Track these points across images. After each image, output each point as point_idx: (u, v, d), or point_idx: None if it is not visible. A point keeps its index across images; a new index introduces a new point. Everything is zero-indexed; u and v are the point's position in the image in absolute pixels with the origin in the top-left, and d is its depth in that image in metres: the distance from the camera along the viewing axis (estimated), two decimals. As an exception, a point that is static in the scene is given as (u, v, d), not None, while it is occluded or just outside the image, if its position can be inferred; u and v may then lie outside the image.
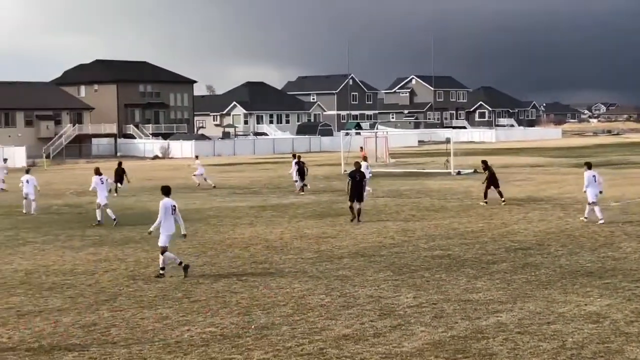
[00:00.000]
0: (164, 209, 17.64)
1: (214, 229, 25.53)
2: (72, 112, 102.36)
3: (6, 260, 20.24)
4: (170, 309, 14.55)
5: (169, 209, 17.65)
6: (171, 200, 17.89)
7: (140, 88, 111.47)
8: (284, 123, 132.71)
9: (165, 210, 17.63)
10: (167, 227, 17.65)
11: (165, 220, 17.63)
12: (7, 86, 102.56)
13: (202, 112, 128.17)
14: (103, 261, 19.85)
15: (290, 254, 20.34)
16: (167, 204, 17.72)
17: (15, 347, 12.27)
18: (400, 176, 48.03)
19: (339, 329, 12.91)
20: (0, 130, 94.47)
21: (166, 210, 17.64)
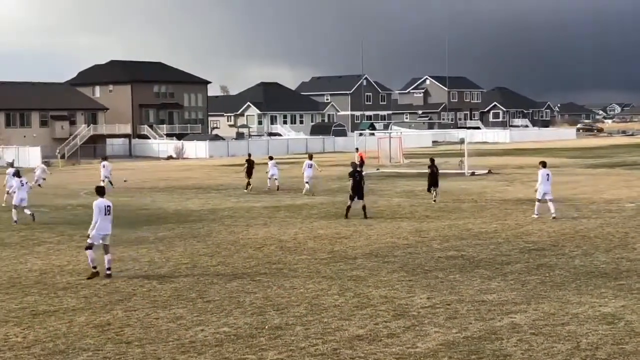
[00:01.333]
0: (98, 209, 17.86)
1: (228, 229, 25.56)
2: (87, 113, 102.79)
3: (21, 260, 20.34)
4: (184, 308, 14.58)
5: (102, 210, 17.85)
6: (105, 201, 18.10)
7: (154, 88, 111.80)
8: (298, 123, 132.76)
9: (99, 210, 17.85)
10: (101, 227, 17.81)
11: (100, 220, 17.81)
12: (22, 86, 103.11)
13: (216, 112, 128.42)
14: (117, 261, 19.90)
15: (304, 254, 20.35)
16: (100, 205, 17.94)
17: (30, 347, 12.32)
18: (414, 177, 47.94)
19: (353, 329, 12.90)
20: (16, 131, 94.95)
21: (100, 210, 17.85)
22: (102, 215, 17.82)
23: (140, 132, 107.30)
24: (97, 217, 17.78)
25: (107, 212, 17.89)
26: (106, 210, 17.87)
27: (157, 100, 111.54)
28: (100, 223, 17.81)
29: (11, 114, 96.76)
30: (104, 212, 17.83)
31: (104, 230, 17.84)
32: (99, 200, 18.00)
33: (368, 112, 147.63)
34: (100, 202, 17.96)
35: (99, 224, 17.80)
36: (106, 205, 17.93)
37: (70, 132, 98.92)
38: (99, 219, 17.78)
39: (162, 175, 58.02)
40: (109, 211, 17.92)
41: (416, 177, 47.04)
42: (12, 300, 15.63)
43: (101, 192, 18.29)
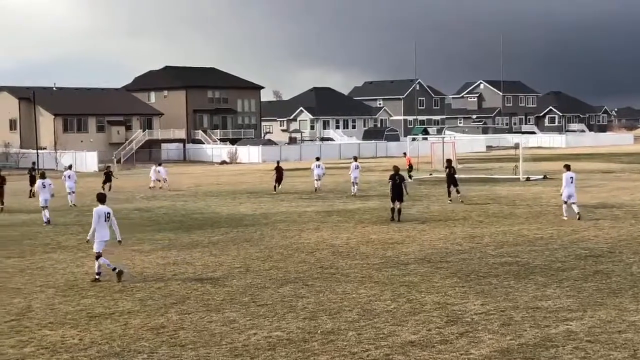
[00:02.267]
0: (97, 216, 18.11)
1: (280, 233, 25.65)
2: (142, 118, 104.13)
3: (78, 263, 20.65)
4: (237, 312, 14.66)
5: (102, 216, 18.11)
6: (105, 208, 18.34)
7: (208, 94, 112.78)
8: (350, 128, 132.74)
9: (98, 217, 18.10)
10: (101, 234, 18.10)
11: (99, 227, 18.09)
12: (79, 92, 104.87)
13: (269, 117, 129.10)
14: (171, 265, 20.11)
15: (357, 259, 20.32)
16: (100, 212, 18.19)
17: (86, 349, 12.50)
18: (467, 182, 47.57)
19: (406, 335, 12.84)
20: (73, 136, 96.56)
21: (99, 217, 18.10)
22: (101, 221, 18.14)
23: (195, 137, 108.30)
24: (96, 223, 18.09)
25: (107, 218, 18.19)
26: (105, 217, 18.17)
27: (211, 106, 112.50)
28: (100, 230, 18.14)
29: (69, 120, 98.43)
30: (103, 218, 18.15)
31: (105, 237, 18.19)
32: (99, 208, 18.32)
33: (421, 116, 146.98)
34: (100, 209, 18.28)
35: (99, 231, 18.12)
36: (106, 212, 18.25)
37: (126, 137, 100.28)
38: (98, 226, 18.08)
39: (216, 179, 58.47)
40: (108, 218, 18.22)
41: (470, 182, 46.69)
42: (69, 302, 15.88)
43: (102, 200, 18.59)
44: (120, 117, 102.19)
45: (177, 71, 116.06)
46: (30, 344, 12.84)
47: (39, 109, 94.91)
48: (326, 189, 43.46)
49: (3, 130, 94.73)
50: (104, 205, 18.36)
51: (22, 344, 12.85)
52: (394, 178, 28.66)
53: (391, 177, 28.91)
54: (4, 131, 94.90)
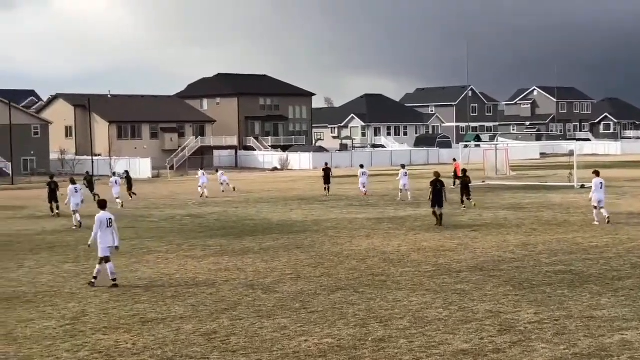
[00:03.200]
0: (99, 222, 18.32)
1: (331, 240, 25.65)
2: (195, 125, 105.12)
3: (131, 269, 20.89)
4: (288, 319, 14.68)
5: (104, 222, 18.33)
6: (107, 214, 18.51)
7: (260, 101, 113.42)
8: (402, 135, 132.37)
9: (100, 223, 18.32)
10: (105, 240, 18.31)
11: (103, 233, 18.30)
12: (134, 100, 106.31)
13: (320, 124, 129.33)
14: (223, 271, 20.23)
15: (408, 266, 20.23)
16: (102, 218, 18.38)
17: (139, 353, 12.63)
18: (521, 189, 47.11)
19: (457, 343, 12.73)
20: (127, 142, 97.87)
21: (101, 223, 18.32)
22: (103, 227, 18.37)
23: (246, 143, 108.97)
24: (97, 229, 18.33)
25: (109, 224, 18.43)
26: (108, 223, 18.42)
27: (263, 113, 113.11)
28: (104, 236, 18.37)
29: (123, 127, 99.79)
30: (105, 224, 18.38)
31: (108, 243, 18.40)
32: (100, 214, 18.53)
33: (473, 123, 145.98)
34: (102, 216, 18.49)
35: (102, 237, 18.34)
36: (107, 218, 18.48)
37: (179, 144, 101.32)
38: (101, 232, 18.33)
39: (267, 186, 58.74)
40: (110, 224, 18.45)
41: (524, 190, 46.23)
42: (122, 307, 16.06)
43: (103, 206, 18.82)
44: (174, 124, 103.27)
45: (230, 78, 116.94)
46: (84, 348, 13.02)
47: (94, 116, 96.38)
48: (377, 196, 43.38)
49: (59, 137, 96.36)
50: (105, 212, 18.64)
51: (77, 348, 13.03)
52: (435, 184, 29.10)
53: (432, 183, 29.36)
54: (60, 138, 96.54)
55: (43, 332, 14.09)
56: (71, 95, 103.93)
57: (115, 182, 42.04)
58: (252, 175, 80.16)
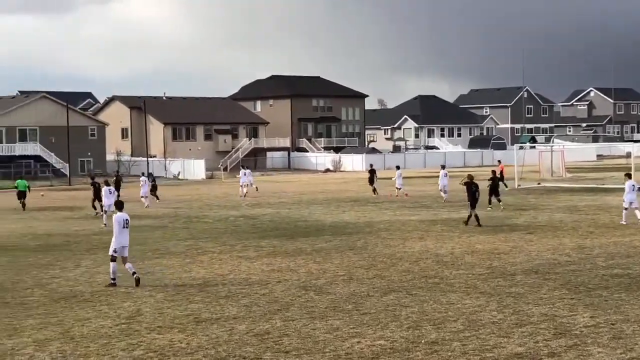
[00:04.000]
0: (118, 223, 18.66)
1: (384, 242, 25.58)
2: (249, 126, 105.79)
3: (186, 269, 21.08)
4: (340, 320, 14.67)
5: (121, 223, 18.68)
6: (124, 215, 18.86)
7: (313, 102, 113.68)
8: (456, 136, 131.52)
9: (119, 224, 18.66)
10: (120, 240, 18.63)
11: (119, 233, 18.63)
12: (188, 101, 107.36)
13: (373, 125, 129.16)
14: (276, 271, 20.30)
15: (461, 269, 20.07)
16: (119, 219, 18.73)
17: (193, 353, 12.73)
18: (577, 191, 46.46)
19: (512, 347, 12.60)
20: (182, 144, 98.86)
21: (119, 224, 18.66)
22: (120, 228, 18.66)
23: (299, 145, 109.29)
24: (117, 230, 18.66)
25: (126, 225, 18.78)
26: (125, 224, 18.75)
27: (316, 114, 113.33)
28: (119, 236, 18.65)
29: (177, 128, 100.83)
30: (122, 225, 18.69)
31: (123, 243, 18.70)
32: (118, 215, 18.86)
33: (528, 124, 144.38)
34: (120, 217, 18.80)
35: (118, 237, 18.65)
36: (125, 219, 18.80)
37: (233, 145, 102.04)
38: (119, 232, 18.64)
39: (320, 187, 58.81)
40: (127, 224, 18.81)
41: (580, 192, 45.59)
42: (177, 307, 16.21)
43: (120, 207, 19.18)
44: (227, 126, 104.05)
45: (283, 80, 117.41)
46: (139, 347, 13.17)
47: (150, 117, 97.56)
48: (431, 198, 43.15)
49: (115, 139, 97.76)
50: (123, 213, 18.97)
51: (132, 347, 13.19)
52: (470, 186, 29.34)
53: (466, 184, 29.63)
54: (116, 139, 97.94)
55: (99, 331, 14.29)
56: (127, 97, 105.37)
57: (145, 182, 43.56)
58: (305, 177, 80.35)
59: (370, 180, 47.33)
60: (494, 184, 36.36)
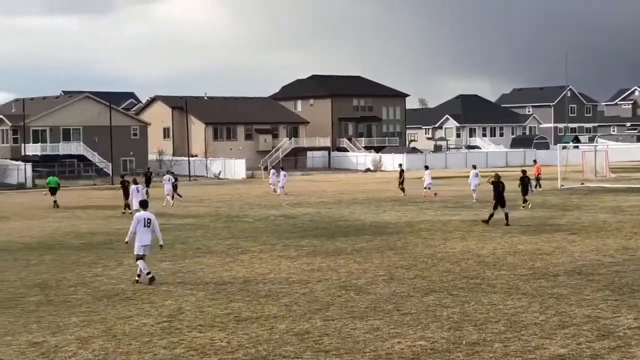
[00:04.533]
0: (136, 222, 18.98)
1: (425, 242, 25.47)
2: (289, 126, 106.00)
3: (226, 268, 21.18)
4: (381, 320, 14.63)
5: (141, 222, 18.92)
6: (146, 214, 19.10)
7: (354, 102, 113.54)
8: (498, 136, 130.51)
9: (137, 222, 18.94)
10: (140, 238, 18.92)
11: (139, 232, 18.92)
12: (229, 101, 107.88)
13: (414, 125, 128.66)
14: (316, 271, 20.31)
15: (503, 269, 19.91)
16: (140, 217, 19.03)
17: (234, 351, 12.78)
18: (621, 192, 45.85)
19: (554, 348, 12.46)
20: (223, 144, 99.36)
21: (138, 222, 18.93)
22: (141, 227, 18.98)
23: (339, 144, 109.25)
24: (134, 228, 18.98)
25: (147, 224, 18.97)
26: (145, 223, 18.97)
27: (356, 114, 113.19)
28: (140, 235, 18.97)
29: (218, 128, 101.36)
30: (142, 224, 18.93)
31: (144, 242, 18.97)
32: (139, 213, 19.25)
33: (572, 124, 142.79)
34: (140, 215, 19.12)
35: (139, 235, 18.93)
36: (146, 218, 19.02)
37: (273, 145, 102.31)
38: (138, 231, 18.94)
39: (360, 187, 58.73)
40: (148, 224, 18.98)
41: (624, 192, 44.99)
42: (217, 305, 16.30)
43: (143, 206, 19.51)
44: (268, 126, 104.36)
45: (323, 80, 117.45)
46: (180, 345, 13.26)
47: (191, 117, 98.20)
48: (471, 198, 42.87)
49: (157, 138, 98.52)
50: (145, 212, 19.22)
51: (173, 345, 13.28)
52: (497, 185, 29.61)
53: (493, 183, 29.90)
54: (158, 139, 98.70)
55: (141, 329, 14.41)
56: (169, 97, 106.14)
57: (168, 180, 44.47)
58: (345, 176, 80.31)
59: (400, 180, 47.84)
60: (524, 183, 36.54)
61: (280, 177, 52.12)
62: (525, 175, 37.04)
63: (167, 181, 44.64)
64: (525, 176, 36.98)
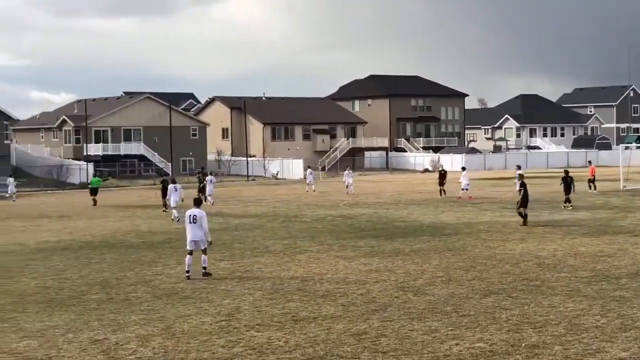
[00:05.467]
0: (186, 218, 19.79)
1: (483, 243, 25.23)
2: (347, 126, 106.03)
3: (284, 267, 21.26)
4: (439, 322, 14.54)
5: (188, 218, 19.64)
6: (193, 210, 19.63)
7: (412, 102, 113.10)
8: (559, 136, 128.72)
9: (187, 218, 19.73)
10: (189, 234, 19.63)
11: (187, 228, 19.69)
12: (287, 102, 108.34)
13: (473, 125, 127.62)
14: (374, 272, 20.27)
15: (564, 271, 19.63)
16: (187, 214, 19.83)
17: (291, 351, 12.82)
18: (685, 193, 44.83)
19: (615, 351, 12.24)
20: (280, 144, 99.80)
21: (187, 219, 19.69)
22: (187, 223, 19.63)
23: (397, 145, 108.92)
24: (186, 225, 19.77)
25: (193, 220, 19.50)
26: (191, 219, 19.53)
27: (414, 114, 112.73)
28: (188, 230, 19.65)
29: (276, 128, 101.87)
30: (189, 220, 19.57)
31: (192, 237, 19.58)
32: (189, 210, 19.90)
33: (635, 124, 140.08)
34: (188, 212, 19.85)
35: (187, 230, 19.67)
36: (191, 215, 19.57)
37: (331, 145, 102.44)
38: (187, 227, 19.70)
39: (418, 187, 58.45)
40: (194, 220, 19.49)
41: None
42: (275, 305, 16.37)
43: (195, 203, 20.05)
44: (325, 126, 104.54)
45: (381, 80, 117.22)
46: (238, 344, 13.34)
47: (249, 118, 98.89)
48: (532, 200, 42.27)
49: (216, 139, 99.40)
50: (194, 208, 19.73)
51: (231, 344, 13.38)
52: (524, 186, 30.13)
53: (522, 184, 30.32)
54: (217, 139, 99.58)
55: (199, 328, 14.54)
56: (227, 97, 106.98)
57: (210, 181, 45.82)
58: (403, 177, 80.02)
59: (441, 181, 47.64)
60: (566, 182, 36.88)
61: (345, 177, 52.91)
62: (568, 175, 37.23)
63: (210, 182, 45.96)
64: (568, 176, 37.15)
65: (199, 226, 19.53)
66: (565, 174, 37.73)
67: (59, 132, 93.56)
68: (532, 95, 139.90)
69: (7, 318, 15.72)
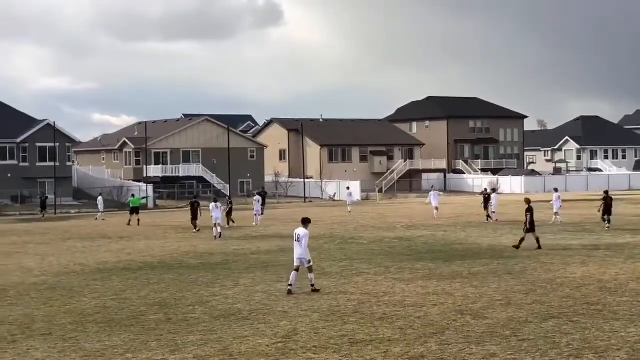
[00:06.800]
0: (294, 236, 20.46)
1: (543, 267, 24.86)
2: (404, 148, 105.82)
3: (341, 290, 21.20)
4: (498, 346, 14.34)
5: (294, 236, 20.43)
6: (299, 230, 20.34)
7: (470, 124, 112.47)
8: (620, 158, 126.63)
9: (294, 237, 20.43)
10: (296, 252, 20.43)
11: (294, 246, 20.45)
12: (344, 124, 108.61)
13: (532, 147, 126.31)
14: (432, 294, 20.09)
15: (626, 296, 19.22)
16: (295, 232, 20.49)
17: (348, 374, 12.74)
18: None
19: (682, 380, 11.91)
20: (338, 166, 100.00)
21: (294, 237, 20.42)
22: (294, 241, 20.49)
23: (455, 166, 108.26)
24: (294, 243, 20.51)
25: (297, 239, 20.30)
26: (296, 237, 20.37)
27: (473, 136, 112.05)
28: (295, 249, 20.49)
29: (334, 150, 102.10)
30: (295, 238, 20.41)
31: (296, 254, 20.43)
32: (296, 229, 20.57)
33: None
34: (295, 230, 20.56)
35: (295, 248, 20.46)
36: (296, 234, 20.37)
37: (388, 167, 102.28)
38: (294, 244, 20.45)
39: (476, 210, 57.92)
40: (298, 239, 20.29)
41: None
42: (331, 327, 16.31)
43: (303, 222, 20.61)
44: (383, 148, 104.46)
45: (439, 101, 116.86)
46: (295, 365, 13.31)
47: (307, 139, 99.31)
48: (592, 223, 41.64)
49: (274, 160, 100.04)
50: (300, 228, 20.38)
51: (288, 365, 13.35)
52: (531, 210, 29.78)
53: (529, 209, 29.74)
54: (274, 160, 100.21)
55: (256, 349, 14.56)
56: (285, 119, 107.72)
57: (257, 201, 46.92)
58: (461, 199, 79.40)
59: (485, 205, 46.66)
60: (607, 203, 37.86)
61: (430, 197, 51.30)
62: (609, 196, 38.27)
63: (257, 202, 47.14)
64: (608, 196, 38.21)
65: (301, 245, 20.28)
66: (605, 194, 38.91)
67: (119, 154, 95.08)
68: (592, 116, 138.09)
69: (68, 337, 15.94)
